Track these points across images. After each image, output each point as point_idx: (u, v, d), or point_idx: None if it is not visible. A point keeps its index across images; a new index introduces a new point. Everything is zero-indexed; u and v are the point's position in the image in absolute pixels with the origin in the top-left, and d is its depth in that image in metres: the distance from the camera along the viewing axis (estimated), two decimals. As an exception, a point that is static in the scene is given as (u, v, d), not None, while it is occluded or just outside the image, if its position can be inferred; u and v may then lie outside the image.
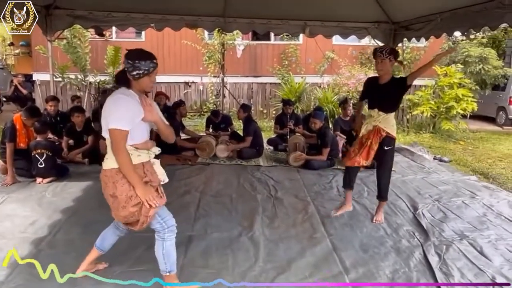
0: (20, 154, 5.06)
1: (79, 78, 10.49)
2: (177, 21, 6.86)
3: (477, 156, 7.59)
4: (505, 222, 4.10)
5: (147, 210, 2.40)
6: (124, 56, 2.39)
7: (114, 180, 2.39)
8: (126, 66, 2.37)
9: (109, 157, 2.41)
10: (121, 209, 2.41)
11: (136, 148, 2.41)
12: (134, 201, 2.39)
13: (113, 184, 2.39)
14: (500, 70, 11.57)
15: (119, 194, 2.38)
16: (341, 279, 2.88)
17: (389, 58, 3.66)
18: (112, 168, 2.39)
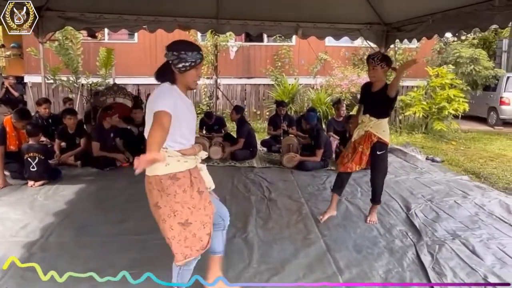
0: (11, 157, 5.02)
1: (71, 80, 10.41)
2: (169, 23, 6.85)
3: (469, 156, 7.66)
4: (496, 221, 4.14)
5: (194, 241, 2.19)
6: (167, 48, 2.22)
7: (159, 188, 2.16)
8: (170, 58, 2.18)
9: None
10: (161, 222, 2.19)
11: (183, 154, 2.20)
12: (179, 218, 2.16)
13: (158, 193, 2.16)
14: (491, 70, 11.69)
15: (163, 205, 2.16)
16: (335, 280, 2.89)
17: (381, 65, 3.66)
18: (156, 175, 2.15)
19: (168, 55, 2.20)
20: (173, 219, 2.16)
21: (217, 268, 2.60)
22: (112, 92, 7.18)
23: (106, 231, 3.61)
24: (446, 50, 12.38)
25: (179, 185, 2.17)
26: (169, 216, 2.16)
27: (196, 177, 2.26)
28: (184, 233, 2.19)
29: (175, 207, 2.15)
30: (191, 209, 2.19)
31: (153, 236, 3.51)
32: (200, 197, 2.23)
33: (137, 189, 4.84)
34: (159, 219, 2.20)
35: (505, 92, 12.02)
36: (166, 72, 2.22)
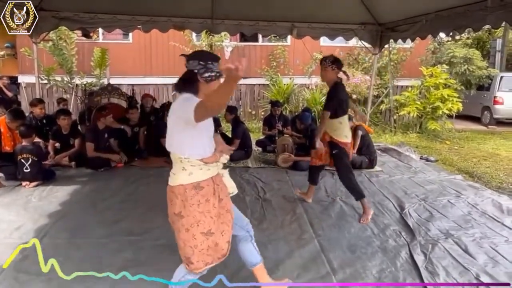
0: (7, 158, 5.00)
1: (66, 80, 10.36)
2: (164, 23, 6.84)
3: (463, 156, 7.71)
4: (489, 220, 4.17)
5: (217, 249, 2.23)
6: (191, 57, 2.21)
7: (183, 198, 2.16)
8: (195, 67, 2.16)
9: (176, 172, 2.19)
10: (184, 232, 2.17)
11: (205, 162, 2.18)
12: (202, 228, 2.16)
13: (182, 203, 2.16)
14: (484, 70, 11.77)
15: (187, 215, 2.16)
16: (328, 280, 2.91)
17: (332, 67, 3.96)
18: (180, 184, 2.16)
19: (193, 65, 2.19)
20: (196, 229, 2.17)
21: (265, 275, 2.61)
22: (106, 92, 7.16)
23: (100, 232, 3.61)
24: (440, 50, 12.44)
25: (203, 195, 2.18)
26: (192, 226, 2.17)
27: (218, 185, 2.28)
28: (207, 242, 2.20)
29: (198, 217, 2.16)
30: (213, 219, 2.21)
31: (148, 236, 3.54)
32: (219, 205, 2.25)
33: (132, 190, 4.89)
34: (181, 228, 2.19)
35: (498, 92, 12.10)
36: (191, 81, 2.19)
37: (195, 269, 2.23)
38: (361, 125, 6.34)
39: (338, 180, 5.50)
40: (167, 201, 2.26)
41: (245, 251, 2.52)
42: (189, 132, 2.12)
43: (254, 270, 2.57)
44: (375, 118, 11.01)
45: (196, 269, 2.23)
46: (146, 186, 5.10)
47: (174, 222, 2.23)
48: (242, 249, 2.54)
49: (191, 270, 2.24)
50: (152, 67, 11.96)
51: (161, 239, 3.49)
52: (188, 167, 2.16)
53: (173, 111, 2.18)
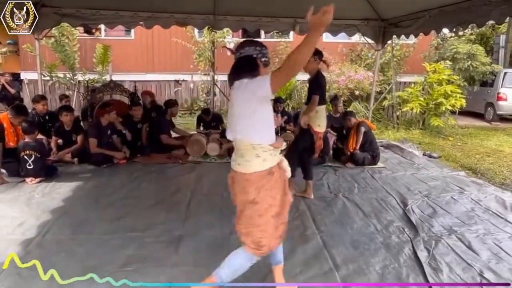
0: (10, 153, 5.02)
1: (68, 77, 10.38)
2: (166, 19, 6.83)
3: (466, 152, 7.68)
4: (492, 216, 4.15)
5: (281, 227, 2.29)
6: (246, 45, 2.29)
7: (258, 185, 2.19)
8: (254, 53, 2.25)
9: (250, 159, 2.21)
10: (256, 218, 2.21)
11: (275, 147, 2.24)
12: (273, 212, 2.23)
13: (257, 189, 2.19)
14: (488, 66, 11.71)
15: (261, 200, 2.19)
16: (331, 276, 2.90)
17: (314, 58, 4.14)
18: (256, 171, 2.19)
19: (249, 50, 2.27)
20: (269, 213, 2.23)
21: (282, 277, 2.64)
22: (109, 89, 7.14)
23: (103, 228, 3.60)
24: (443, 45, 12.39)
25: (275, 180, 2.25)
26: (266, 211, 2.22)
27: (281, 169, 2.34)
28: (276, 224, 2.28)
29: (270, 202, 2.23)
30: (280, 202, 2.28)
31: (150, 233, 3.54)
32: (283, 189, 2.33)
33: (134, 186, 4.89)
34: (253, 214, 2.22)
35: (502, 88, 12.03)
36: (251, 66, 2.22)
37: (264, 252, 2.29)
38: (364, 122, 6.33)
39: (341, 176, 5.52)
40: (235, 190, 2.29)
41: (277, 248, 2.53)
42: (260, 116, 2.17)
43: (276, 269, 2.59)
44: (378, 114, 10.98)
45: (264, 252, 2.29)
46: (148, 182, 5.11)
47: (244, 209, 2.26)
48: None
49: (260, 254, 2.29)
50: (154, 63, 11.95)
51: (164, 235, 3.49)
52: (261, 153, 2.20)
53: (237, 98, 2.22)
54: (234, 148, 2.36)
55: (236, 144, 2.31)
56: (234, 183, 2.31)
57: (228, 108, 2.42)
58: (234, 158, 2.33)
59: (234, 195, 2.35)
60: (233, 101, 2.27)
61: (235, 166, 2.30)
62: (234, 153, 2.34)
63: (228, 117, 2.38)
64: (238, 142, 2.27)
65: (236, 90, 2.25)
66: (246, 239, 2.27)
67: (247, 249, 2.29)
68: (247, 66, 2.24)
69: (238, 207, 2.32)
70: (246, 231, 2.26)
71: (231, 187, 2.37)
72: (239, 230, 2.33)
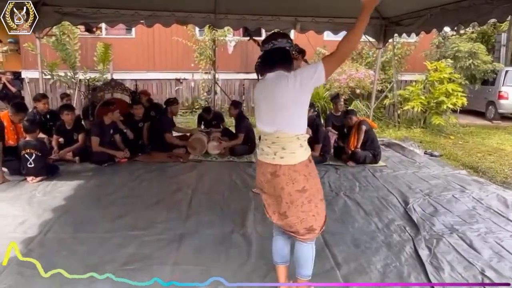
0: (10, 151, 5.02)
1: (69, 76, 10.37)
2: (167, 17, 6.81)
3: (467, 151, 7.66)
4: (494, 215, 4.15)
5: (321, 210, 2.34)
6: (278, 37, 2.30)
7: (306, 172, 2.24)
8: (287, 45, 2.28)
9: (295, 150, 2.22)
10: (307, 204, 2.26)
11: (308, 134, 2.31)
12: (320, 195, 2.33)
13: (305, 178, 2.23)
14: (489, 65, 11.67)
15: (310, 187, 2.26)
16: (333, 275, 2.90)
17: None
18: (302, 161, 2.23)
19: (282, 42, 2.29)
20: (318, 197, 2.31)
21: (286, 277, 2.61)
22: (110, 87, 7.14)
23: (104, 227, 3.61)
24: (444, 44, 12.34)
25: (313, 165, 2.33)
26: (314, 196, 2.29)
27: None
28: (323, 206, 2.37)
29: (318, 186, 2.32)
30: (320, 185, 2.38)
31: (152, 231, 3.54)
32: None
33: (135, 185, 4.90)
34: (304, 201, 2.26)
35: (503, 86, 11.99)
36: (289, 57, 2.29)
37: (316, 235, 2.36)
38: (365, 120, 6.32)
39: (342, 175, 5.52)
40: (279, 184, 2.25)
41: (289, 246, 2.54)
42: (304, 106, 2.23)
43: (282, 268, 2.56)
44: (379, 113, 10.96)
45: (316, 235, 2.36)
46: (149, 181, 5.11)
47: (293, 200, 2.26)
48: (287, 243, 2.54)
49: (312, 238, 2.35)
50: (155, 62, 11.95)
51: (165, 233, 3.50)
52: (303, 143, 2.27)
53: (277, 90, 2.20)
54: (266, 142, 2.31)
55: (273, 136, 2.25)
56: (278, 177, 2.25)
57: (256, 101, 2.39)
58: (268, 152, 2.28)
59: (274, 189, 2.29)
60: (268, 93, 2.24)
61: (276, 160, 2.25)
62: (267, 146, 2.29)
63: (260, 110, 2.33)
64: (280, 134, 2.23)
65: (271, 81, 2.25)
66: (299, 227, 2.30)
67: (300, 238, 2.33)
68: (282, 58, 2.27)
69: (284, 199, 2.27)
70: (298, 220, 2.29)
71: (270, 182, 2.30)
72: (288, 223, 2.32)
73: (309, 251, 2.38)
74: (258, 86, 2.38)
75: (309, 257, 2.39)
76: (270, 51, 2.30)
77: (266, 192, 2.39)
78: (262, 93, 2.32)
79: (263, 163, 2.33)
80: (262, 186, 2.39)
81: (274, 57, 2.28)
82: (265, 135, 2.32)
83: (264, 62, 2.33)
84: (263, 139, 2.36)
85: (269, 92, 2.25)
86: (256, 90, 2.41)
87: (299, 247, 2.39)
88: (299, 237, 2.33)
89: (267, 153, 2.29)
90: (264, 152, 2.32)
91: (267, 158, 2.29)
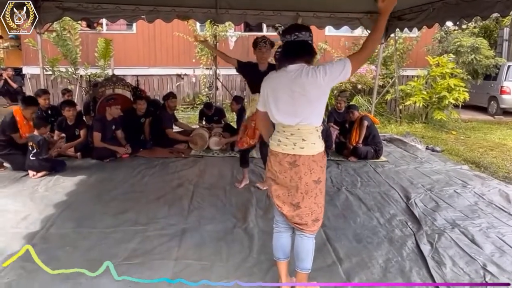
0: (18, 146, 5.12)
1: (70, 71, 10.37)
2: (168, 13, 6.78)
3: (469, 146, 7.65)
4: (496, 210, 4.15)
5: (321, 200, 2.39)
6: (302, 29, 2.29)
7: (322, 164, 2.31)
8: (309, 38, 2.28)
9: (315, 141, 2.27)
10: (319, 195, 2.34)
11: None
12: (324, 187, 2.39)
13: (321, 169, 2.30)
14: (491, 60, 11.62)
15: (323, 178, 2.34)
16: (334, 269, 2.90)
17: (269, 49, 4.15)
18: (319, 152, 2.29)
19: (306, 35, 2.28)
20: (324, 189, 2.40)
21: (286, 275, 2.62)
22: (111, 83, 7.15)
23: (106, 222, 3.62)
24: (446, 39, 12.29)
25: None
26: (323, 187, 2.37)
27: None
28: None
29: (325, 177, 2.38)
30: None
31: (153, 226, 3.55)
32: None
33: (137, 180, 4.91)
34: (318, 192, 2.33)
35: (505, 81, 11.94)
36: (312, 51, 2.31)
37: (314, 229, 2.39)
38: (367, 115, 6.31)
39: (343, 170, 5.52)
40: (297, 174, 2.27)
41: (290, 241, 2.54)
42: (324, 100, 2.26)
43: (284, 264, 2.55)
44: (381, 108, 10.93)
45: (316, 229, 2.40)
46: (151, 176, 5.11)
47: (308, 190, 2.31)
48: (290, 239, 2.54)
49: (317, 229, 2.41)
50: (156, 57, 11.93)
51: (167, 229, 3.50)
52: (320, 135, 2.33)
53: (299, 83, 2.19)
54: (284, 133, 2.30)
55: (293, 128, 2.26)
56: (297, 167, 2.27)
57: (272, 93, 2.32)
58: (286, 143, 2.28)
59: (291, 178, 2.29)
60: (292, 85, 2.21)
61: (296, 150, 2.26)
62: (285, 137, 2.29)
63: (279, 102, 2.28)
64: (301, 126, 2.24)
65: (295, 74, 2.22)
66: (309, 219, 2.34)
67: (307, 229, 2.36)
68: (306, 51, 2.28)
69: (300, 190, 2.30)
70: (310, 211, 2.33)
71: (287, 172, 2.30)
72: (300, 214, 2.34)
73: (311, 244, 2.42)
74: (276, 77, 2.33)
75: (310, 250, 2.42)
76: (293, 43, 2.28)
77: (279, 183, 2.37)
78: (282, 84, 2.27)
79: (279, 153, 2.32)
80: (275, 176, 2.37)
81: (298, 49, 2.27)
82: (283, 127, 2.31)
83: (287, 53, 2.30)
84: (279, 130, 2.34)
85: (294, 84, 2.21)
86: (273, 81, 2.34)
87: (301, 240, 2.40)
88: (307, 229, 2.36)
89: (285, 143, 2.29)
90: (282, 143, 2.31)
91: (286, 149, 2.29)
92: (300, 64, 2.24)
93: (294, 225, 2.41)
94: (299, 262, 2.44)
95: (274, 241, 2.55)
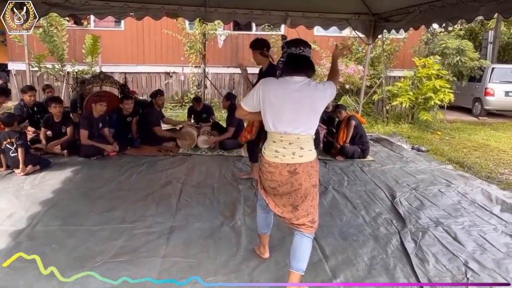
0: None
1: (57, 68, 10.23)
2: (157, 10, 6.73)
3: (454, 146, 7.79)
4: (478, 209, 4.25)
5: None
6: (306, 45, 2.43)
7: (317, 168, 2.47)
8: (308, 55, 2.42)
9: (311, 148, 2.44)
10: (316, 198, 2.49)
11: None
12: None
13: (317, 173, 2.46)
14: (476, 62, 11.84)
15: (317, 181, 2.47)
16: (320, 266, 2.95)
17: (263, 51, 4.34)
18: (316, 158, 2.46)
19: (309, 52, 2.44)
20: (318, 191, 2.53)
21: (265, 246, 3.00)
22: (98, 80, 7.08)
23: (93, 220, 3.60)
24: (433, 41, 12.48)
25: None
26: (318, 190, 2.51)
27: None
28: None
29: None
30: None
31: (141, 224, 3.55)
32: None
33: (125, 179, 4.89)
34: (314, 195, 2.48)
35: (489, 83, 12.19)
36: (313, 67, 2.46)
37: (312, 230, 2.51)
38: (354, 115, 6.38)
39: (330, 169, 5.58)
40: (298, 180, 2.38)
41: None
42: (320, 112, 2.42)
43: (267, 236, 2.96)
44: (368, 108, 11.05)
45: (313, 230, 2.52)
46: (139, 174, 5.10)
47: (307, 194, 2.44)
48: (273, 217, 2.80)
49: (315, 229, 2.53)
50: (144, 55, 11.86)
51: (154, 226, 3.50)
52: (313, 141, 2.47)
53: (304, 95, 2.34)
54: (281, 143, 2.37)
55: (293, 137, 2.35)
56: (297, 174, 2.38)
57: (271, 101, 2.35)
58: (285, 153, 2.37)
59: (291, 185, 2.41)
60: (298, 96, 2.33)
61: (295, 159, 2.36)
62: (282, 147, 2.37)
63: (281, 111, 2.33)
64: (301, 135, 2.36)
65: (301, 86, 2.34)
66: (305, 220, 2.46)
67: (305, 229, 2.47)
68: (310, 66, 2.43)
69: (299, 194, 2.43)
70: (306, 213, 2.46)
71: (287, 180, 2.39)
72: (297, 215, 2.47)
73: (309, 244, 2.49)
74: (280, 86, 2.36)
75: (308, 250, 2.49)
76: (298, 56, 2.40)
77: (280, 193, 2.48)
78: (289, 94, 2.33)
79: (279, 164, 2.38)
80: (274, 186, 2.46)
81: (303, 63, 2.40)
82: (282, 136, 2.35)
83: (292, 64, 2.38)
84: (275, 140, 2.38)
85: (302, 95, 2.33)
86: (277, 90, 2.37)
87: (300, 239, 2.48)
88: (305, 229, 2.45)
89: (284, 154, 2.37)
90: (280, 153, 2.37)
91: (285, 159, 2.37)
92: (304, 77, 2.36)
93: (291, 226, 2.50)
94: (295, 261, 2.48)
95: (262, 220, 2.82)
